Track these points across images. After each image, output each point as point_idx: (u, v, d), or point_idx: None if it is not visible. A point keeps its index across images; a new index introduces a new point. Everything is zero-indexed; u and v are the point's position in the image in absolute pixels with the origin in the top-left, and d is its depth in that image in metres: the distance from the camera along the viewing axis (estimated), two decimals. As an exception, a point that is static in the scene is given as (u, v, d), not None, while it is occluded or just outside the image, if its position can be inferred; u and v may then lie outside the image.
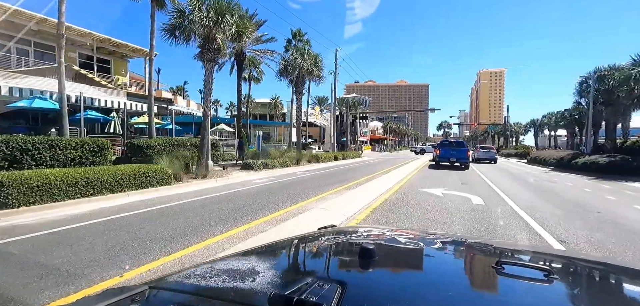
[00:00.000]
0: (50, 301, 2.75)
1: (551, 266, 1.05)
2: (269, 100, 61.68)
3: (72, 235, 4.88)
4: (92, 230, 5.12)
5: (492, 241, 2.18)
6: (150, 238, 4.71)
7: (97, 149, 10.95)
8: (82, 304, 0.81)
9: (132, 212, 6.51)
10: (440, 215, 6.44)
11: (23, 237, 4.75)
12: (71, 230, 5.12)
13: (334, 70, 33.56)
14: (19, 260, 3.84)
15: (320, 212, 6.29)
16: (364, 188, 9.82)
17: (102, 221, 5.74)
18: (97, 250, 4.14)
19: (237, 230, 5.25)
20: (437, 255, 1.28)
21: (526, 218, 6.22)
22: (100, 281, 3.21)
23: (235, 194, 8.87)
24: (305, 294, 0.69)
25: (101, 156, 11.07)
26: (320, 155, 22.67)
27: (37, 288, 3.00)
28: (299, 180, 12.33)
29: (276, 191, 9.49)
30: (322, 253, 1.28)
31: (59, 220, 5.75)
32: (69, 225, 5.44)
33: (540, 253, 1.61)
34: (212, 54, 12.19)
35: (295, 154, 20.10)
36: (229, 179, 11.90)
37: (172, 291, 0.87)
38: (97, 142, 11.03)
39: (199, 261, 3.75)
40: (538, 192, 10.10)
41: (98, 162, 10.96)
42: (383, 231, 1.67)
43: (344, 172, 16.39)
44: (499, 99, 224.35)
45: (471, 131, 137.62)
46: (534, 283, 0.85)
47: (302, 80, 22.16)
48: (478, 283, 1.02)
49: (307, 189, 9.93)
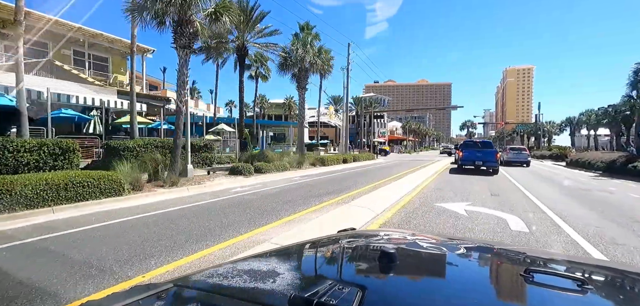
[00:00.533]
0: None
1: (586, 277, 0.98)
2: (283, 100, 60.18)
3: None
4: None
5: (520, 248, 2.03)
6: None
7: (59, 152, 9.41)
8: (111, 299, 0.79)
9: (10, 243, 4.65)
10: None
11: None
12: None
13: (346, 66, 31.36)
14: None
15: (273, 247, 4.15)
16: (362, 201, 7.59)
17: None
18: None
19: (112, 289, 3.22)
20: (461, 261, 1.23)
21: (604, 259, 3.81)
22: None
23: (186, 212, 6.86)
24: (325, 297, 0.69)
25: (65, 160, 9.52)
26: (327, 158, 20.53)
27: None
28: (288, 189, 10.25)
29: (246, 206, 7.44)
30: (341, 256, 1.24)
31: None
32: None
33: (574, 262, 1.50)
34: (187, 39, 10.35)
35: (297, 156, 18.08)
36: (204, 187, 10.00)
37: (196, 289, 0.89)
38: (60, 143, 9.46)
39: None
40: (599, 209, 7.46)
41: (61, 167, 9.41)
42: (404, 235, 1.66)
43: (348, 177, 14.16)
44: (527, 98, 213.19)
45: (497, 131, 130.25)
46: (566, 294, 0.82)
47: (305, 74, 20.09)
48: (505, 292, 0.97)
49: (288, 203, 7.82)
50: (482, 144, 16.92)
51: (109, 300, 0.78)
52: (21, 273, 3.45)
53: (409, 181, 11.68)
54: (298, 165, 17.21)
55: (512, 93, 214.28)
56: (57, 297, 2.85)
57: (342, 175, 14.89)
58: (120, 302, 0.75)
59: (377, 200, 7.58)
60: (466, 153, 15.57)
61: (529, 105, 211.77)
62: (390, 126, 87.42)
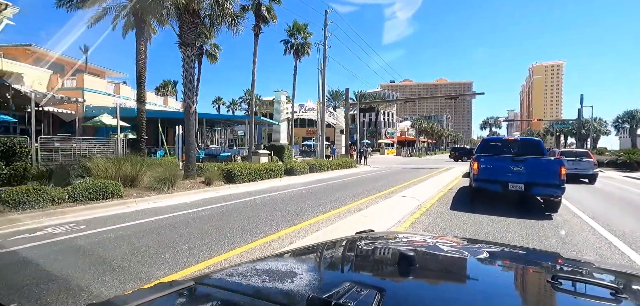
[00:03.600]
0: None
1: (619, 284, 0.93)
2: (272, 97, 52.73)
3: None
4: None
5: (547, 252, 1.95)
6: None
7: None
8: (136, 296, 0.79)
9: None
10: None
11: None
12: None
13: (323, 41, 23.56)
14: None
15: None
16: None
17: None
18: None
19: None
20: (484, 265, 1.17)
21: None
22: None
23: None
24: (343, 298, 0.69)
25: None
26: (276, 168, 12.93)
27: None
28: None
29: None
30: (360, 258, 1.21)
31: None
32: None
33: (607, 269, 1.37)
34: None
35: (215, 169, 10.66)
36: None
37: (216, 287, 0.89)
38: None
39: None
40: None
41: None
42: (424, 237, 1.57)
43: (253, 208, 6.52)
44: (557, 96, 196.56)
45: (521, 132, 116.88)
46: (596, 302, 0.77)
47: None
48: (530, 299, 0.93)
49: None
50: (522, 143, 8.78)
51: (133, 296, 0.78)
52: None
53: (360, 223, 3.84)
54: (226, 177, 9.95)
55: (539, 92, 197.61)
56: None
57: (258, 203, 7.30)
58: (145, 298, 0.75)
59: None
60: (488, 165, 7.40)
61: (558, 104, 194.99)
62: (402, 126, 78.48)
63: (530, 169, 6.90)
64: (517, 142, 8.88)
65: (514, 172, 6.99)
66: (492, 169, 7.31)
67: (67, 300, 2.86)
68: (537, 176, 6.83)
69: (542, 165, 7.02)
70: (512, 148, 8.50)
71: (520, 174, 6.91)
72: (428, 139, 73.76)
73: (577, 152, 15.30)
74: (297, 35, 27.59)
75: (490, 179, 7.27)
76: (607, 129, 41.11)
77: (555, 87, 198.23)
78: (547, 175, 6.75)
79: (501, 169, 7.18)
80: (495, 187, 7.20)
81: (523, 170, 6.92)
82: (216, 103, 60.80)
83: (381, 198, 8.79)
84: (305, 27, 27.57)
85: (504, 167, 7.15)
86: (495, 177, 7.22)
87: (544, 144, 8.89)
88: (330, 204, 8.01)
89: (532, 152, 7.97)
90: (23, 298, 2.85)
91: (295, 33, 27.48)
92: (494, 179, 7.22)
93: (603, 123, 41.01)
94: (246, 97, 58.39)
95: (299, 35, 27.58)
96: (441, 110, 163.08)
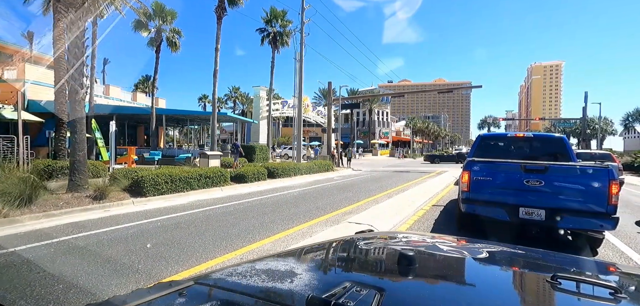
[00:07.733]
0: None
1: (619, 284, 0.95)
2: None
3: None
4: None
5: (547, 253, 1.73)
6: None
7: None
8: (136, 295, 0.78)
9: None
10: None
11: None
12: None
13: (300, 25, 20.76)
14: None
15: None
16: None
17: None
18: None
19: None
20: (484, 265, 1.15)
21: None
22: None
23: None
24: (343, 298, 0.68)
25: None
26: (216, 175, 10.17)
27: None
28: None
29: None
30: (360, 258, 1.20)
31: None
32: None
33: (605, 267, 1.43)
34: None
35: (126, 179, 7.81)
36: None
37: (216, 287, 0.88)
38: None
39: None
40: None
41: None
42: (423, 237, 1.56)
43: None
44: (555, 96, 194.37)
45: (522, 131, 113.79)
46: (596, 301, 0.78)
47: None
48: (530, 298, 0.92)
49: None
50: (538, 144, 5.90)
51: (133, 296, 0.77)
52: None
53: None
54: (130, 191, 7.03)
55: (538, 92, 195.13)
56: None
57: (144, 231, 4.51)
58: (144, 298, 0.75)
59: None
60: (485, 176, 4.61)
61: (557, 104, 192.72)
62: (397, 126, 75.78)
63: (555, 184, 4.13)
64: (530, 140, 6.04)
65: (528, 189, 4.22)
66: (492, 184, 4.53)
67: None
68: (569, 197, 4.07)
69: (576, 177, 4.23)
70: (523, 150, 5.74)
71: (540, 194, 4.14)
72: (424, 140, 71.00)
73: (597, 153, 12.52)
74: (275, 22, 24.86)
75: (490, 200, 4.50)
76: (614, 129, 38.43)
77: (554, 87, 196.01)
78: (586, 196, 3.99)
79: (507, 184, 4.41)
80: (498, 212, 4.41)
81: (543, 185, 4.15)
82: (202, 102, 58.03)
83: (317, 226, 5.94)
84: (283, 15, 24.83)
85: (512, 180, 4.38)
86: (497, 196, 4.45)
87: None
88: (203, 247, 5.19)
89: (554, 157, 5.20)
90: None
91: (273, 20, 24.75)
92: (495, 200, 4.45)
93: (609, 123, 38.38)
94: (232, 93, 55.61)
95: (277, 23, 24.84)
96: (439, 110, 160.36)
